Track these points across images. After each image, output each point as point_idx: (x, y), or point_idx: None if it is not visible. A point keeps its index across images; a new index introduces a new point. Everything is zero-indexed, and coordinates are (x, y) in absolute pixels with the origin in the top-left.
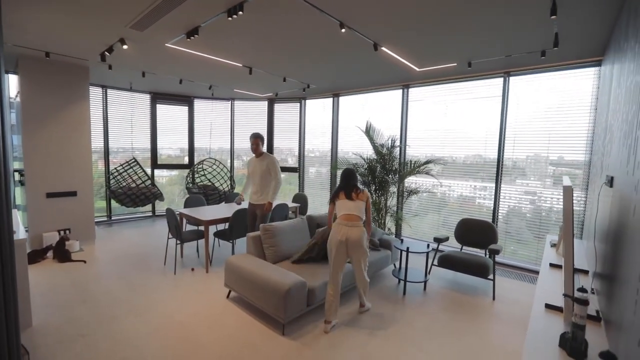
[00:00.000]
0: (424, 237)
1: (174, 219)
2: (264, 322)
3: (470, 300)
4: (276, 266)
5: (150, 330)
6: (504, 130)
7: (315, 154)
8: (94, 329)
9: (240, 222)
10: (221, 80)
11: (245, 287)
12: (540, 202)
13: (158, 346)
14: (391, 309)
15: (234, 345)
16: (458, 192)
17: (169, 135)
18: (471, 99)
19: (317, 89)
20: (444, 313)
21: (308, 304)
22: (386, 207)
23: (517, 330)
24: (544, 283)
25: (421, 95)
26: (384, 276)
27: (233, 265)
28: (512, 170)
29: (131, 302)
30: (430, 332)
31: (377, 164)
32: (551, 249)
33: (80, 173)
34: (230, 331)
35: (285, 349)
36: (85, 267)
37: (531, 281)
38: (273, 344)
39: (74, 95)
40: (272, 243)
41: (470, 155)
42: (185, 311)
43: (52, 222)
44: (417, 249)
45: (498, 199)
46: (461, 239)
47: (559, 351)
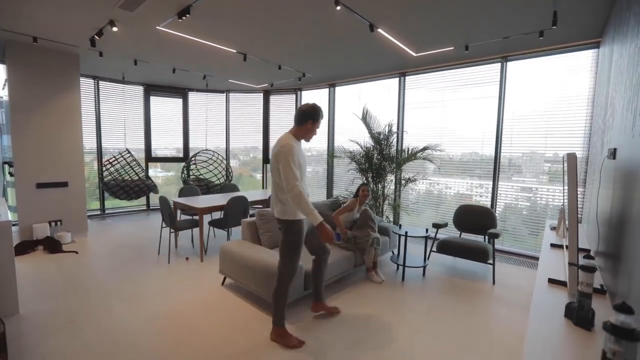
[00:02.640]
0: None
1: (168, 207)
2: (260, 307)
3: (470, 284)
4: (272, 251)
5: (142, 317)
6: (501, 122)
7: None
8: (83, 317)
9: (235, 210)
10: (215, 69)
11: (240, 273)
12: (536, 199)
13: (150, 332)
14: (389, 293)
15: (229, 330)
16: (455, 190)
17: (164, 130)
18: (469, 86)
19: (313, 79)
20: (444, 297)
21: (305, 288)
22: (384, 195)
23: (519, 312)
24: (546, 261)
25: (418, 84)
26: (383, 263)
27: (228, 251)
28: (508, 168)
29: (123, 291)
30: (430, 315)
31: (375, 151)
32: (551, 232)
33: (72, 163)
34: (225, 317)
35: None
36: (76, 258)
37: (531, 267)
38: (269, 328)
39: (65, 84)
40: (268, 228)
41: (467, 152)
42: (179, 299)
43: (43, 213)
44: (416, 233)
45: (496, 195)
46: (460, 225)
47: (565, 321)
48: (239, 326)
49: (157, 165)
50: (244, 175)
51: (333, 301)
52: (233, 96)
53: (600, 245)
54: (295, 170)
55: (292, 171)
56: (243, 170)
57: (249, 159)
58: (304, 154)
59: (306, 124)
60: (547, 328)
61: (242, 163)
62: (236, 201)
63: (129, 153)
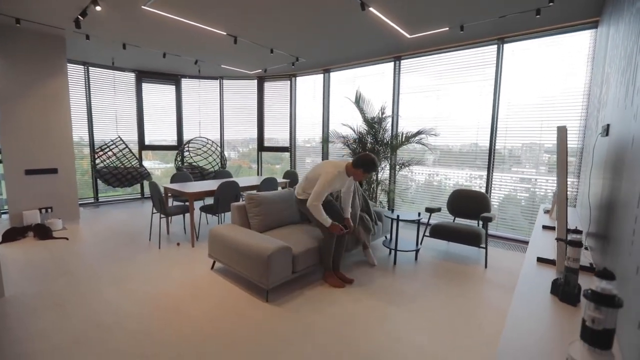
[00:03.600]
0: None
1: (158, 192)
2: (248, 291)
3: (462, 268)
4: (261, 234)
5: (129, 300)
6: (496, 110)
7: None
8: (71, 299)
9: (226, 195)
10: (206, 54)
11: (228, 256)
12: (534, 189)
13: (137, 314)
14: (380, 277)
15: (217, 312)
16: (454, 181)
17: (157, 117)
18: (465, 69)
19: (307, 64)
20: (435, 280)
21: (293, 270)
22: (377, 181)
23: (509, 294)
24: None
25: (414, 67)
26: (375, 248)
27: (217, 235)
28: (507, 158)
29: (112, 275)
30: (419, 297)
31: (368, 136)
32: (545, 215)
33: (61, 150)
34: (213, 300)
35: (268, 315)
36: (67, 244)
37: (524, 251)
38: (257, 310)
39: (51, 68)
40: (257, 212)
41: (467, 143)
42: (167, 282)
43: (33, 200)
44: (408, 217)
45: (490, 186)
46: (454, 210)
47: (550, 297)
48: (226, 309)
49: (157, 157)
50: (244, 167)
51: (317, 287)
52: (227, 83)
53: (591, 226)
54: (324, 192)
55: (322, 192)
56: (243, 162)
57: (249, 150)
58: (343, 181)
59: (359, 169)
60: (531, 304)
61: (242, 155)
62: (227, 186)
63: (121, 140)
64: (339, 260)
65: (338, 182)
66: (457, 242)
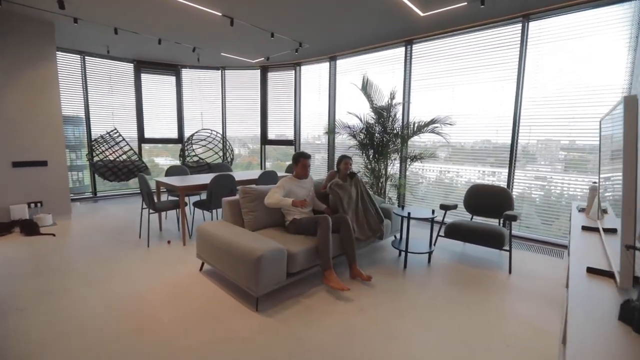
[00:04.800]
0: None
1: (146, 186)
2: (237, 297)
3: (482, 273)
4: (254, 233)
5: (101, 304)
6: (519, 100)
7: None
8: (37, 303)
9: (221, 190)
10: (204, 39)
11: (216, 257)
12: (550, 187)
13: (106, 320)
14: (388, 282)
15: (196, 321)
16: (466, 178)
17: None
18: (484, 53)
19: (312, 50)
20: (452, 287)
21: (288, 274)
22: (386, 174)
23: (541, 306)
24: (579, 246)
25: (426, 52)
26: (383, 248)
27: (204, 233)
28: (525, 155)
29: (90, 274)
30: (433, 307)
31: (377, 125)
32: (579, 215)
33: (51, 141)
34: (196, 306)
35: (256, 326)
36: (53, 241)
37: (552, 254)
38: (243, 320)
39: (39, 55)
40: (252, 208)
41: (481, 139)
42: (149, 284)
43: (21, 194)
44: (420, 214)
45: (512, 183)
46: (471, 207)
47: (620, 326)
48: (208, 317)
49: (168, 152)
50: (254, 164)
51: (319, 292)
52: (229, 74)
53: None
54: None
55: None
56: (253, 159)
57: (259, 147)
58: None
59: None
60: (595, 335)
61: (252, 152)
62: (221, 180)
63: (117, 132)
64: (352, 252)
65: (292, 184)
66: (477, 243)
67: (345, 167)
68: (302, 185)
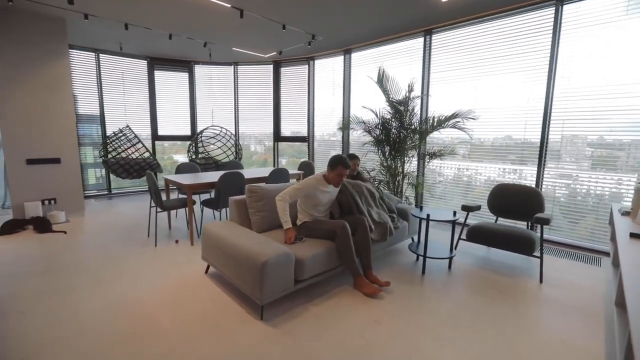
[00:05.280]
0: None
1: (154, 184)
2: (242, 303)
3: (509, 282)
4: (260, 235)
5: (104, 306)
6: (551, 92)
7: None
8: (39, 303)
9: (229, 188)
10: (214, 33)
11: (221, 260)
12: (575, 186)
13: (105, 324)
14: (405, 290)
15: (197, 328)
16: (486, 176)
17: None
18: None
19: (325, 44)
20: (476, 296)
21: (296, 281)
22: (403, 172)
23: (582, 321)
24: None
25: (447, 42)
26: (399, 251)
27: (209, 234)
28: (552, 152)
29: (95, 274)
30: (457, 321)
31: (393, 120)
32: (623, 218)
33: (63, 138)
34: (197, 311)
35: (260, 338)
36: (63, 238)
37: (586, 260)
38: (246, 330)
39: (51, 52)
40: (259, 208)
41: (503, 135)
42: (152, 285)
43: (35, 191)
44: (440, 216)
45: (541, 183)
46: (496, 209)
47: None
48: (209, 325)
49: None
50: (269, 161)
51: (330, 299)
52: (242, 70)
53: None
54: (296, 192)
55: (294, 191)
56: (268, 156)
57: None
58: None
59: (329, 169)
60: None
61: (268, 149)
62: (230, 178)
63: (130, 129)
64: (368, 258)
65: (317, 188)
66: (503, 248)
67: (353, 169)
68: (327, 191)
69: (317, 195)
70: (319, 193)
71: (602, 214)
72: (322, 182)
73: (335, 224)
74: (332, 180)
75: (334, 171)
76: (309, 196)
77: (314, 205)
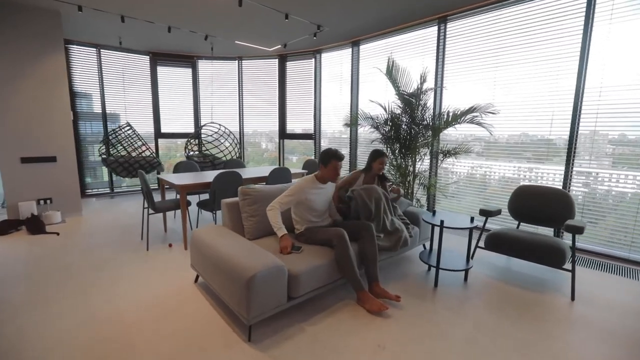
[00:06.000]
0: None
1: (145, 184)
2: (229, 320)
3: (535, 298)
4: (252, 243)
5: (78, 322)
6: (582, 82)
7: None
8: (6, 319)
9: (225, 188)
10: (214, 25)
11: (208, 271)
12: (595, 185)
13: (74, 347)
14: (415, 307)
15: (174, 348)
16: (500, 174)
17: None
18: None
19: (332, 35)
20: (497, 316)
21: (290, 297)
22: (414, 172)
23: (630, 351)
24: None
25: (463, 31)
26: (409, 260)
27: (197, 240)
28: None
29: (78, 283)
30: (474, 347)
31: (404, 115)
32: None
33: (59, 136)
34: (180, 330)
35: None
36: (55, 240)
37: (621, 273)
38: (232, 353)
39: (46, 47)
40: (253, 212)
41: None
42: (135, 297)
43: (30, 191)
44: (456, 223)
45: (569, 184)
46: (518, 213)
47: None
48: (189, 344)
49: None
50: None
51: (324, 319)
52: (246, 65)
53: None
54: (288, 200)
55: (285, 198)
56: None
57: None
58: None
59: (321, 166)
60: None
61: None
62: (226, 177)
63: (129, 127)
64: (374, 269)
65: (309, 189)
66: (529, 260)
67: (380, 167)
68: (322, 191)
69: (310, 197)
70: (312, 195)
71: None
72: (314, 182)
73: (332, 233)
74: (327, 177)
75: (328, 166)
76: (301, 202)
77: (309, 210)
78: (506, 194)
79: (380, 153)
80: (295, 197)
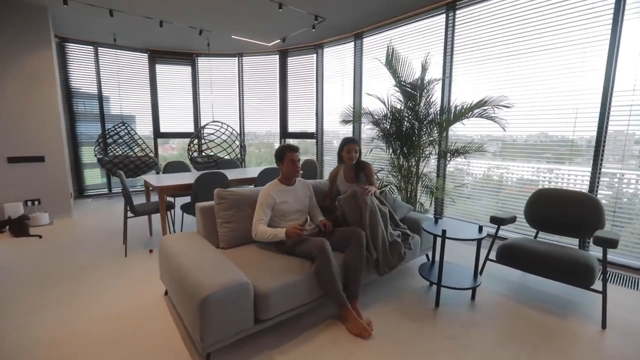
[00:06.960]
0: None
1: (124, 185)
2: (191, 344)
3: (557, 325)
4: (223, 254)
5: (30, 342)
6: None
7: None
8: None
9: (209, 190)
10: (206, 18)
11: (173, 287)
12: (621, 187)
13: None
14: (410, 332)
15: None
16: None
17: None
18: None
19: (333, 27)
20: (511, 349)
21: (257, 320)
22: (418, 174)
23: None
24: None
25: (474, 18)
26: (408, 274)
27: (164, 250)
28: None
29: (46, 294)
30: None
31: (405, 110)
32: None
33: (48, 136)
34: (136, 352)
35: None
36: (36, 244)
37: None
38: None
39: (33, 44)
40: (228, 218)
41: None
42: (101, 312)
43: (17, 192)
44: (461, 233)
45: (596, 188)
46: (537, 221)
47: None
48: None
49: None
50: None
51: (298, 346)
52: (247, 61)
53: None
54: (260, 215)
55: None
56: None
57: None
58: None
59: (278, 163)
60: None
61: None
62: (209, 178)
63: (124, 125)
64: (355, 284)
65: (275, 196)
66: (548, 277)
67: (349, 156)
68: (291, 192)
69: (278, 201)
70: (280, 198)
71: None
72: (277, 184)
73: (311, 245)
74: (288, 173)
75: (284, 161)
76: (277, 207)
77: (282, 217)
78: (524, 197)
79: (347, 140)
80: (263, 202)
